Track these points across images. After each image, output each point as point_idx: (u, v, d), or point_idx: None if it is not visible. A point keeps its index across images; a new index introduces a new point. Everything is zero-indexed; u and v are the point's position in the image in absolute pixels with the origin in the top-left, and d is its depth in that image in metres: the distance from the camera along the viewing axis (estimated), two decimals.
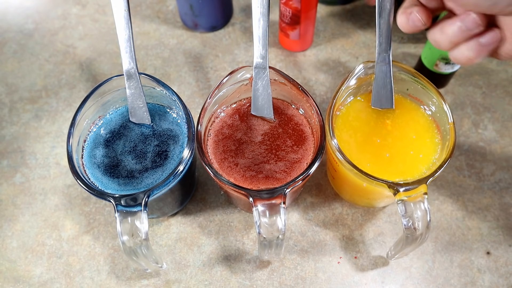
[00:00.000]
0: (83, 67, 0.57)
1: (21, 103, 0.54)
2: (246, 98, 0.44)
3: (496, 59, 0.43)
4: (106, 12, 0.62)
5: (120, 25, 0.39)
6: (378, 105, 0.41)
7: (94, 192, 0.36)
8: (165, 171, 0.39)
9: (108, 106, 0.43)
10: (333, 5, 0.61)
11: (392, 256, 0.41)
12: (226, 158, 0.40)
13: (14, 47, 0.58)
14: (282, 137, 0.41)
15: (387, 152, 0.39)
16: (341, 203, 0.47)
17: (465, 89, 0.54)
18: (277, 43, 0.58)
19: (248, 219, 0.46)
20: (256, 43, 0.39)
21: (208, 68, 0.56)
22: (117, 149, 0.41)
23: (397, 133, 0.40)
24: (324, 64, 0.56)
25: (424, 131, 0.40)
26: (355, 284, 0.42)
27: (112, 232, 0.45)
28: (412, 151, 0.39)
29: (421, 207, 0.35)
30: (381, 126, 0.41)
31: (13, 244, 0.45)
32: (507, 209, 0.46)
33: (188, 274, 0.43)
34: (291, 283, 0.42)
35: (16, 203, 0.47)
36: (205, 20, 0.57)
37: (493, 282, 0.42)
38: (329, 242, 0.44)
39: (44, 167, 0.49)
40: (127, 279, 0.43)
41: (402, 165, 0.39)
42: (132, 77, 0.40)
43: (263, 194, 0.34)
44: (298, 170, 0.39)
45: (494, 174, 0.48)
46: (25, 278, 0.43)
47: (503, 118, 0.51)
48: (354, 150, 0.40)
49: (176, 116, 0.42)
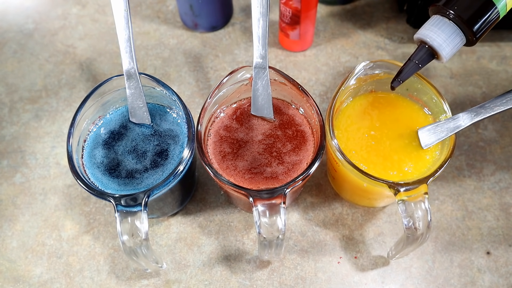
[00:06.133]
0: (83, 67, 0.56)
1: (21, 103, 0.54)
2: (246, 98, 0.44)
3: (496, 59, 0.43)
4: (106, 12, 0.62)
5: (120, 25, 0.39)
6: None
7: (94, 192, 0.36)
8: (165, 171, 0.39)
9: (108, 106, 0.43)
10: (333, 5, 0.61)
11: (393, 256, 0.41)
12: (226, 158, 0.40)
13: (14, 47, 0.58)
14: (282, 137, 0.41)
15: (388, 152, 0.39)
16: (341, 203, 0.47)
17: (465, 89, 0.54)
18: (277, 43, 0.58)
19: (248, 219, 0.46)
20: (256, 43, 0.39)
21: (208, 68, 0.56)
22: (117, 149, 0.41)
23: (398, 133, 0.40)
24: (324, 64, 0.56)
25: None
26: (355, 284, 0.42)
27: (112, 232, 0.45)
28: (412, 151, 0.39)
29: (421, 207, 0.35)
30: (382, 126, 0.41)
31: (13, 244, 0.45)
32: (507, 209, 0.46)
33: (188, 274, 0.43)
34: (291, 283, 0.42)
35: (16, 203, 0.47)
36: (205, 20, 0.57)
37: (493, 282, 0.42)
38: (329, 242, 0.44)
39: (44, 167, 0.49)
40: (127, 279, 0.43)
41: (403, 165, 0.39)
42: (132, 77, 0.40)
43: (263, 194, 0.34)
44: (298, 170, 0.39)
45: (494, 174, 0.48)
46: (25, 278, 0.43)
47: (503, 118, 0.51)
48: (354, 150, 0.40)
49: (176, 116, 0.42)
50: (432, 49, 0.36)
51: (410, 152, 0.39)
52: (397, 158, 0.39)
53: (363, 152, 0.39)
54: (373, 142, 0.40)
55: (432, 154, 0.39)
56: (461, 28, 0.35)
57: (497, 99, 0.37)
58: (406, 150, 0.39)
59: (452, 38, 0.35)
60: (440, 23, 0.35)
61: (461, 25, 0.35)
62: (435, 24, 0.36)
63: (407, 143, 0.40)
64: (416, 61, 0.37)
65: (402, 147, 0.40)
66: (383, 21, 0.59)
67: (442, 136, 0.38)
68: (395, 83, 0.38)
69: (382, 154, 0.39)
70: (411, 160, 0.39)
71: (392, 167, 0.39)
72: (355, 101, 0.43)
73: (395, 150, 0.39)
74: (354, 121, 0.41)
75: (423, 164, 0.39)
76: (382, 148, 0.40)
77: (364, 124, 0.41)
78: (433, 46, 0.36)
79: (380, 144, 0.40)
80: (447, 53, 0.36)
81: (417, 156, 0.39)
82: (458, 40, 0.36)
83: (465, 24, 0.34)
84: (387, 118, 0.41)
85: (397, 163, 0.39)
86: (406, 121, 0.41)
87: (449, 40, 0.35)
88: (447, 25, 0.35)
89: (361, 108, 0.42)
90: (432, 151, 0.39)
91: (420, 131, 0.39)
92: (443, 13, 0.35)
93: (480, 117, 0.37)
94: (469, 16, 0.34)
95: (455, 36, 0.35)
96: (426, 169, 0.38)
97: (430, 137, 0.38)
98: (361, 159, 0.39)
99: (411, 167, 0.39)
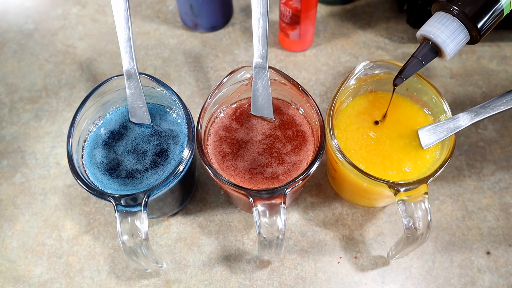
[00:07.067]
0: (83, 67, 0.56)
1: (21, 103, 0.54)
2: (246, 98, 0.44)
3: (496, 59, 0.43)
4: (106, 12, 0.62)
5: (120, 25, 0.39)
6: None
7: (94, 192, 0.36)
8: (165, 171, 0.39)
9: (108, 106, 0.42)
10: (333, 5, 0.61)
11: (393, 256, 0.41)
12: (226, 158, 0.40)
13: (14, 47, 0.58)
14: (282, 137, 0.41)
15: (388, 152, 0.39)
16: (341, 203, 0.47)
17: (465, 89, 0.54)
18: (277, 43, 0.58)
19: (248, 219, 0.46)
20: (256, 43, 0.39)
21: (208, 68, 0.56)
22: (117, 149, 0.41)
23: (398, 133, 0.40)
24: (324, 64, 0.56)
25: None
26: (355, 284, 0.42)
27: (112, 232, 0.45)
28: (412, 151, 0.39)
29: (421, 207, 0.35)
30: (382, 126, 0.41)
31: (13, 244, 0.45)
32: (507, 209, 0.46)
33: (188, 274, 0.43)
34: (291, 283, 0.42)
35: (16, 203, 0.47)
36: (205, 20, 0.57)
37: (493, 282, 0.42)
38: (329, 242, 0.44)
39: (44, 167, 0.49)
40: (127, 279, 0.43)
41: (403, 165, 0.39)
42: (132, 77, 0.40)
43: (263, 194, 0.34)
44: (298, 170, 0.39)
45: (494, 174, 0.48)
46: (25, 278, 0.43)
47: (503, 118, 0.51)
48: (354, 150, 0.40)
49: (176, 116, 0.42)
50: (435, 46, 0.36)
51: (410, 152, 0.39)
52: (397, 158, 0.39)
53: (363, 152, 0.39)
54: (373, 142, 0.40)
55: (432, 154, 0.39)
56: (465, 24, 0.35)
57: (497, 99, 0.37)
58: (406, 150, 0.39)
59: (456, 34, 0.35)
60: (443, 19, 0.35)
61: (465, 21, 0.35)
62: (439, 20, 0.35)
63: (407, 143, 0.40)
64: (420, 58, 0.36)
65: (402, 147, 0.40)
66: (383, 21, 0.59)
67: (442, 136, 0.38)
68: (397, 80, 0.37)
69: (382, 154, 0.39)
70: (411, 160, 0.39)
71: (392, 167, 0.39)
72: (355, 101, 0.43)
73: (395, 150, 0.39)
74: (354, 121, 0.41)
75: (423, 164, 0.39)
76: (382, 148, 0.40)
77: (364, 124, 0.41)
78: (436, 43, 0.35)
79: (380, 144, 0.40)
80: (450, 50, 0.35)
81: (417, 156, 0.39)
82: (462, 37, 0.35)
83: (470, 20, 0.34)
84: (387, 118, 0.41)
85: (397, 163, 0.39)
86: (406, 121, 0.41)
87: (453, 37, 0.35)
88: (451, 21, 0.35)
89: (361, 108, 0.42)
90: (432, 151, 0.39)
91: (420, 131, 0.39)
92: (446, 10, 0.35)
93: (480, 117, 0.37)
94: (474, 12, 0.34)
95: (459, 32, 0.35)
96: (426, 169, 0.38)
97: (430, 137, 0.38)
98: (361, 159, 0.39)
99: (411, 167, 0.39)
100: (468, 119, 0.37)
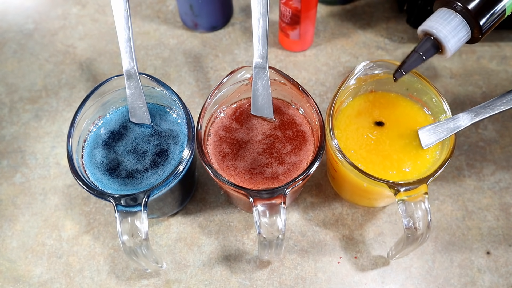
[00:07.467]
0: (83, 67, 0.56)
1: (21, 103, 0.54)
2: (246, 98, 0.44)
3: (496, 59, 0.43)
4: (106, 12, 0.62)
5: (120, 25, 0.39)
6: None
7: (94, 192, 0.36)
8: (165, 171, 0.39)
9: (108, 106, 0.43)
10: (333, 5, 0.61)
11: (393, 256, 0.41)
12: (226, 158, 0.40)
13: (14, 47, 0.58)
14: (282, 137, 0.41)
15: (388, 152, 0.39)
16: (341, 203, 0.47)
17: (465, 89, 0.54)
18: (277, 43, 0.58)
19: (248, 219, 0.46)
20: (256, 43, 0.39)
21: (208, 68, 0.56)
22: (117, 149, 0.41)
23: (398, 133, 0.40)
24: (324, 64, 0.56)
25: None
26: (355, 284, 0.42)
27: (112, 232, 0.45)
28: (412, 151, 0.39)
29: (421, 207, 0.35)
30: (382, 126, 0.41)
31: (13, 244, 0.45)
32: (507, 209, 0.46)
33: (188, 274, 0.43)
34: (291, 283, 0.42)
35: (16, 203, 0.47)
36: (205, 20, 0.57)
37: (493, 282, 0.42)
38: (329, 242, 0.44)
39: (44, 167, 0.49)
40: (127, 279, 0.43)
41: (403, 165, 0.39)
42: (132, 77, 0.40)
43: (263, 194, 0.34)
44: (298, 170, 0.39)
45: (494, 174, 0.48)
46: (25, 278, 0.43)
47: (503, 118, 0.51)
48: (354, 150, 0.40)
49: (176, 116, 0.42)
50: (437, 41, 0.36)
51: (410, 152, 0.39)
52: (397, 158, 0.39)
53: (363, 152, 0.39)
54: (373, 142, 0.40)
55: (432, 154, 0.39)
56: (468, 20, 0.35)
57: (497, 99, 0.37)
58: (406, 150, 0.39)
59: (458, 30, 0.35)
60: (446, 15, 0.35)
61: (468, 18, 0.35)
62: (441, 16, 0.35)
63: (407, 143, 0.40)
64: (421, 52, 0.36)
65: (402, 147, 0.40)
66: (383, 21, 0.59)
67: (442, 136, 0.38)
68: (397, 74, 0.37)
69: (382, 154, 0.39)
70: (411, 160, 0.39)
71: (392, 167, 0.39)
72: (355, 101, 0.43)
73: (395, 150, 0.39)
74: (354, 121, 0.41)
75: (423, 164, 0.39)
76: (382, 148, 0.40)
77: (364, 124, 0.41)
78: (438, 38, 0.35)
79: (380, 144, 0.40)
80: (452, 46, 0.35)
81: (417, 156, 0.39)
82: (463, 33, 0.35)
83: (472, 16, 0.34)
84: (387, 118, 0.41)
85: (397, 163, 0.39)
86: (406, 121, 0.41)
87: (455, 32, 0.35)
88: (453, 17, 0.35)
89: (361, 108, 0.42)
90: (432, 151, 0.39)
91: (420, 131, 0.39)
92: (449, 6, 0.35)
93: (480, 117, 0.37)
94: (477, 9, 0.34)
95: (460, 28, 0.35)
96: (426, 169, 0.38)
97: (430, 137, 0.38)
98: (361, 159, 0.39)
99: (411, 167, 0.39)
100: (468, 119, 0.37)
